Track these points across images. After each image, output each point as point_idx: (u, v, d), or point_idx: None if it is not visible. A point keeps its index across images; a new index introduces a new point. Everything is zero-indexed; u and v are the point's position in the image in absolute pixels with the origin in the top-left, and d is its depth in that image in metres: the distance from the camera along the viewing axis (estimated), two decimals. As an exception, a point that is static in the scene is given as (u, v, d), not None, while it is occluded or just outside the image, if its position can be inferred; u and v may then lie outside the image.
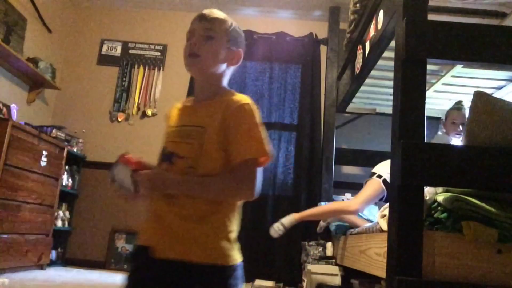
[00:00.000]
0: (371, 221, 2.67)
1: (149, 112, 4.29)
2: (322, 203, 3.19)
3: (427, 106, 1.41)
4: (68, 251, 4.02)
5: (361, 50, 2.78)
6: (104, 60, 4.47)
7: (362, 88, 3.16)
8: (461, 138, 2.80)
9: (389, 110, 2.00)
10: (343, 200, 3.38)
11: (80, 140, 4.15)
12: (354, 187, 3.92)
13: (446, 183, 1.38)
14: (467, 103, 3.07)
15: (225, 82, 1.14)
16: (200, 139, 1.02)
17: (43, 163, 3.31)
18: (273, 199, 3.92)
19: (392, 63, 1.64)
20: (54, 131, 3.70)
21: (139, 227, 1.06)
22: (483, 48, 1.47)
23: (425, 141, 1.40)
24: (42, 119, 4.10)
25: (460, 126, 2.84)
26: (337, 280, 2.87)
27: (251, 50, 4.19)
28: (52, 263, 3.66)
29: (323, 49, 4.29)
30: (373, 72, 2.87)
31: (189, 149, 1.02)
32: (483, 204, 1.33)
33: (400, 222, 1.32)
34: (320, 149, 3.98)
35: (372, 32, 2.49)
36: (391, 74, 1.75)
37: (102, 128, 4.30)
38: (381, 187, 2.48)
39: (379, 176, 2.51)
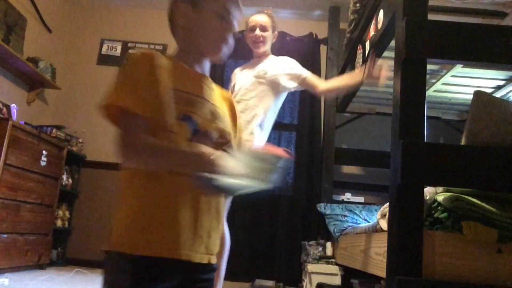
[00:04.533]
0: None
1: (149, 112, 4.30)
2: None
3: (427, 106, 1.42)
4: (68, 251, 4.02)
5: (361, 50, 2.78)
6: (104, 60, 4.47)
7: (362, 88, 3.16)
8: (260, 48, 2.34)
9: (389, 110, 2.00)
10: None
11: (80, 140, 4.15)
12: (354, 187, 3.92)
13: (446, 183, 1.39)
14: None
15: None
16: None
17: (43, 163, 3.31)
18: (272, 199, 3.92)
19: (392, 63, 1.64)
20: (54, 131, 3.70)
21: (159, 233, 0.88)
22: (483, 48, 1.47)
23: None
24: (42, 119, 4.10)
25: (258, 31, 2.26)
26: (337, 280, 2.87)
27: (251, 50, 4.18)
28: (52, 263, 3.66)
29: (323, 49, 4.28)
30: (373, 72, 2.87)
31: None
32: (483, 204, 1.33)
33: (400, 222, 1.32)
34: (320, 149, 3.98)
35: (372, 32, 2.49)
36: (391, 74, 1.75)
37: (102, 128, 4.29)
38: None
39: None
